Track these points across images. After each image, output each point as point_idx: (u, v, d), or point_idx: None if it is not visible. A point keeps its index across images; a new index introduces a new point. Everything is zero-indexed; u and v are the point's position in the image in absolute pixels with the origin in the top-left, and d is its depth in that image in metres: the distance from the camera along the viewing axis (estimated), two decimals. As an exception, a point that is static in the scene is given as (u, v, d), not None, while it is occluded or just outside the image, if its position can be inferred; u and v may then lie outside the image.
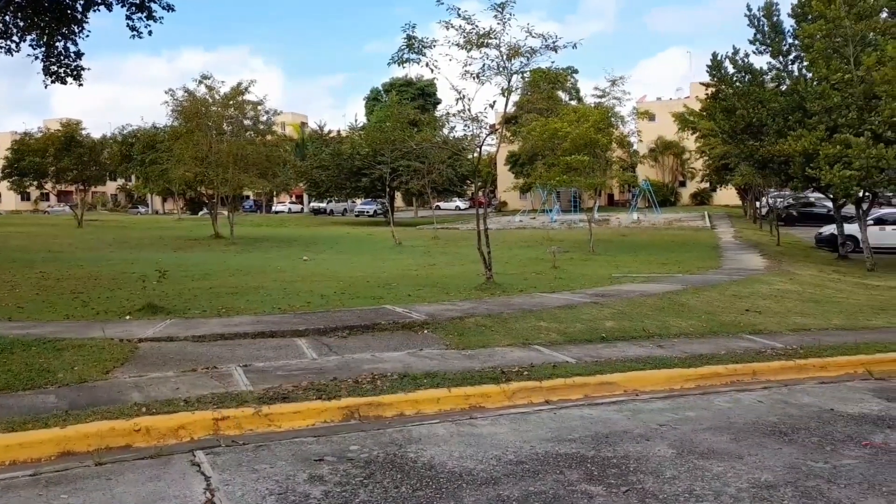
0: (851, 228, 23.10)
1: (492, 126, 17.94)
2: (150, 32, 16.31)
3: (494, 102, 15.19)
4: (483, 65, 13.62)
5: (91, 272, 16.10)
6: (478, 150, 16.21)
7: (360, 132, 54.39)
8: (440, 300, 11.49)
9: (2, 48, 16.37)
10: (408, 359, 7.61)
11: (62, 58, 16.54)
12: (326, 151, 56.33)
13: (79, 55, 16.68)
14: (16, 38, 16.32)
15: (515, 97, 17.85)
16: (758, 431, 5.58)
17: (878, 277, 17.76)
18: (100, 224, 45.63)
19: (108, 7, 16.09)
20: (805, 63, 20.81)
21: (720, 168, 39.97)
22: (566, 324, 9.54)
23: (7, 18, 16.10)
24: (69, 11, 15.96)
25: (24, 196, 75.63)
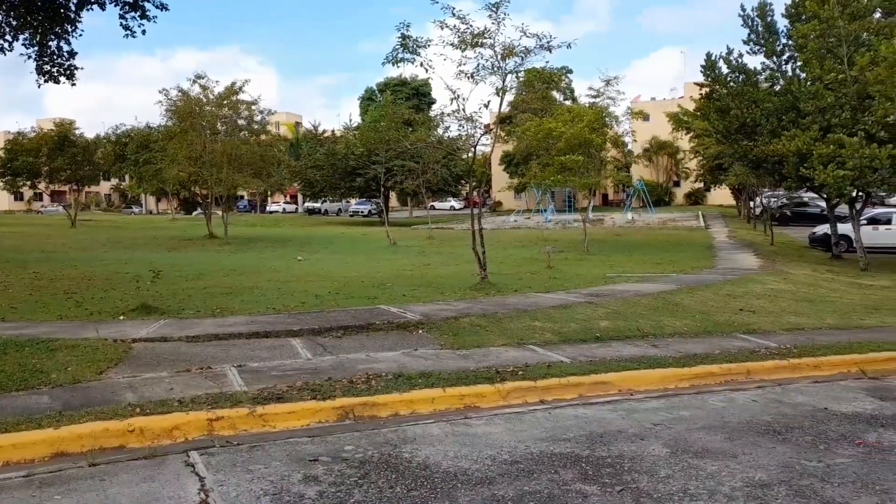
0: (845, 228, 23.18)
1: (486, 126, 17.91)
2: (144, 32, 16.22)
3: (489, 102, 15.28)
4: (478, 64, 13.65)
5: (85, 272, 16.04)
6: (472, 150, 16.21)
7: (355, 132, 54.32)
8: (435, 300, 11.49)
9: (-5, 47, 16.31)
10: (402, 359, 7.61)
11: (55, 57, 16.44)
12: (321, 151, 56.27)
13: (72, 54, 16.60)
14: (8, 38, 16.22)
15: (510, 97, 17.91)
16: (752, 430, 5.60)
17: (872, 277, 17.84)
18: (93, 224, 45.51)
19: (102, 6, 16.00)
20: (799, 63, 20.87)
21: (714, 168, 40.02)
22: (561, 323, 9.55)
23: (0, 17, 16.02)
24: (62, 10, 15.87)
25: (18, 196, 75.49)
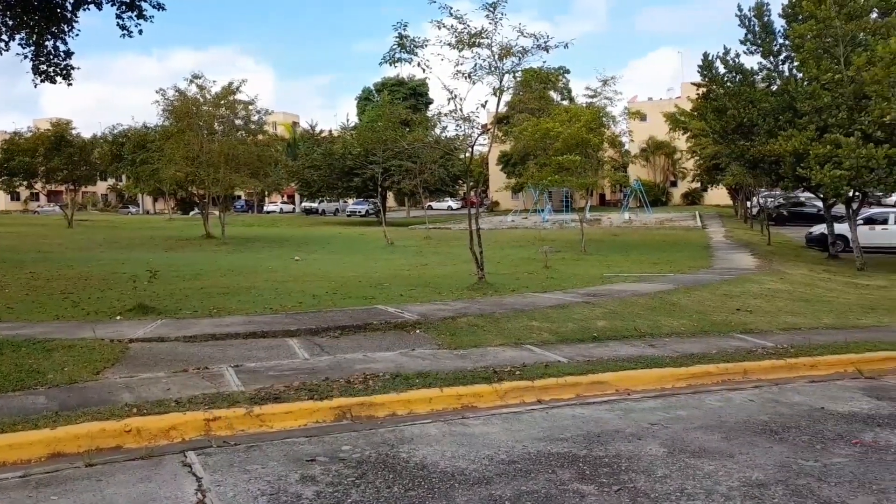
0: (841, 228, 23.22)
1: (483, 126, 17.91)
2: (141, 32, 16.20)
3: (486, 102, 15.28)
4: (475, 64, 13.65)
5: (81, 272, 16.00)
6: (470, 150, 16.27)
7: (352, 132, 54.34)
8: (432, 300, 11.49)
9: (-9, 47, 16.27)
10: (400, 359, 7.60)
11: (52, 57, 16.41)
12: (318, 151, 56.27)
13: (68, 54, 16.56)
14: (5, 38, 16.18)
15: (507, 97, 17.88)
16: (749, 430, 5.61)
17: (868, 277, 17.87)
18: (90, 224, 45.42)
19: (98, 6, 15.97)
20: (796, 63, 20.90)
21: (711, 168, 40.10)
22: (558, 323, 9.55)
23: (-4, 17, 15.99)
24: (59, 10, 15.83)
25: (14, 196, 75.22)
